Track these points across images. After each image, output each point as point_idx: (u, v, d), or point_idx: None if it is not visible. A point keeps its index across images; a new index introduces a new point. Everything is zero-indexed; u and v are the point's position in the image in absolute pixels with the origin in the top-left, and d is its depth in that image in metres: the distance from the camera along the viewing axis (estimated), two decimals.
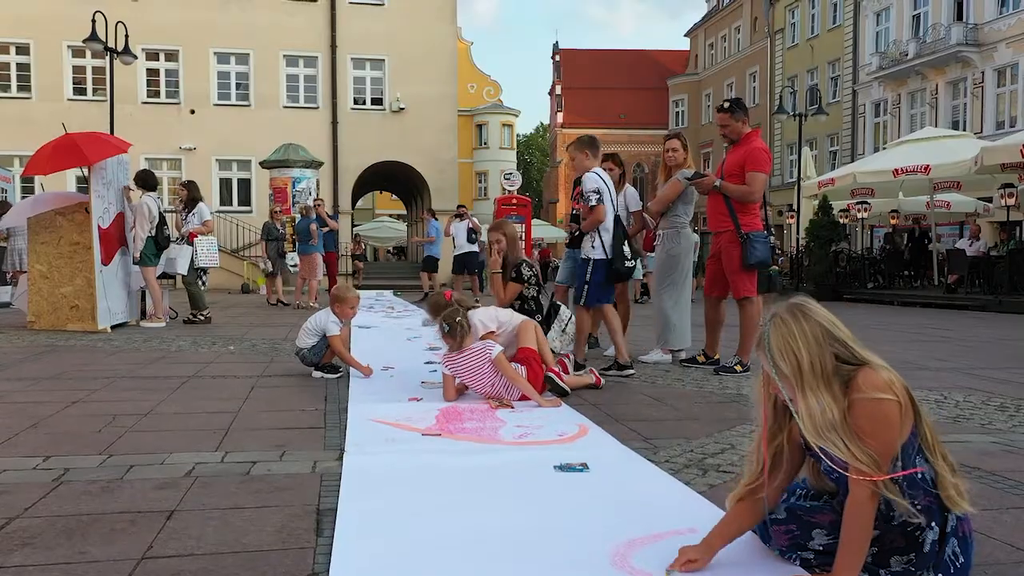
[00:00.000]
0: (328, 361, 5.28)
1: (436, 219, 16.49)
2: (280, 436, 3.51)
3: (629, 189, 6.48)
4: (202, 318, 9.28)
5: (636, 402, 4.50)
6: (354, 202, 26.52)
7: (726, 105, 5.43)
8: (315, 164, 20.05)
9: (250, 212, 23.64)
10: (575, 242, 5.76)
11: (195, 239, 9.48)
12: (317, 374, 5.25)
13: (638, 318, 7.46)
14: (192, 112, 23.60)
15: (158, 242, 8.98)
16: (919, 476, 1.80)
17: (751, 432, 3.70)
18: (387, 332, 8.51)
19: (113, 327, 8.43)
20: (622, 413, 4.15)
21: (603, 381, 4.88)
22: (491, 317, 4.65)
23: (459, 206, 16.59)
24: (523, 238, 19.15)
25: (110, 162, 8.66)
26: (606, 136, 66.63)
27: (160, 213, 9.03)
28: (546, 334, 5.04)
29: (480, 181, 50.19)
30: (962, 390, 5.08)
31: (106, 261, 8.39)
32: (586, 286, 5.45)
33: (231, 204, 23.99)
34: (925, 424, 1.83)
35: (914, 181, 16.69)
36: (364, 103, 24.90)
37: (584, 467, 3.00)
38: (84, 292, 8.30)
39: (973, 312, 13.69)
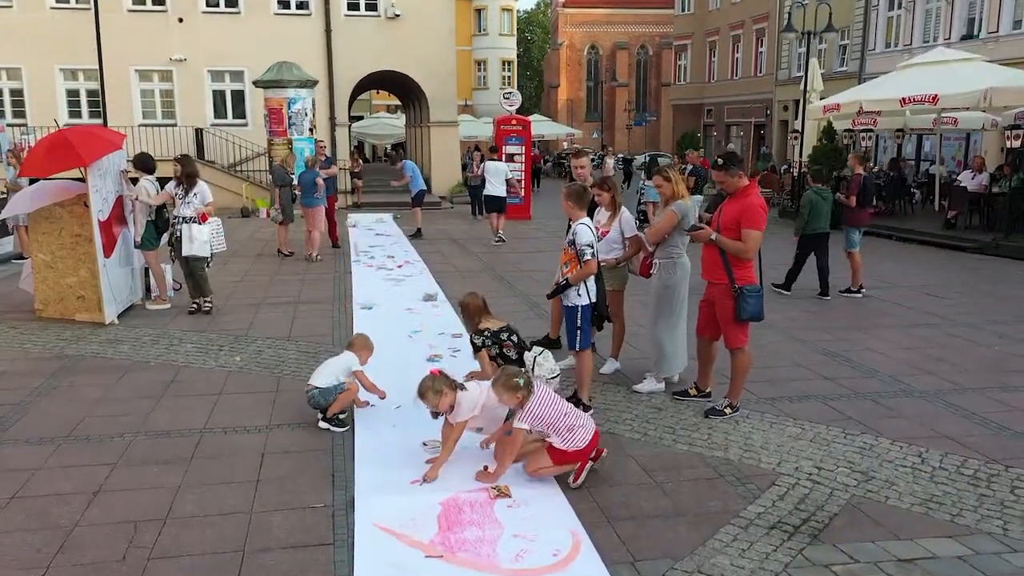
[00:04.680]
0: (336, 412, 5.48)
1: (407, 159, 17.50)
2: (292, 566, 3.76)
3: (625, 214, 6.49)
4: (207, 307, 9.04)
5: (627, 476, 4.74)
6: (351, 106, 25.98)
7: (720, 162, 5.43)
8: (310, 83, 19.57)
9: (245, 126, 23.24)
10: (558, 291, 5.79)
11: (205, 221, 9.17)
12: (323, 425, 5.47)
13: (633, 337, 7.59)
14: (180, 20, 22.77)
15: (157, 226, 9.00)
16: None
17: (732, 542, 3.98)
18: (387, 319, 8.67)
19: (120, 315, 8.62)
20: (611, 502, 4.40)
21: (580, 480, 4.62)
22: (475, 403, 4.78)
23: (491, 148, 17.94)
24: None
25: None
26: (610, 16, 64.42)
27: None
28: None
29: (479, 70, 48.81)
30: (941, 443, 5.30)
31: (108, 253, 8.44)
32: (578, 331, 5.68)
33: (226, 117, 23.53)
34: None
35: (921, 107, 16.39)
36: (358, 8, 23.97)
37: None
38: (89, 283, 8.43)
39: (970, 255, 13.79)
